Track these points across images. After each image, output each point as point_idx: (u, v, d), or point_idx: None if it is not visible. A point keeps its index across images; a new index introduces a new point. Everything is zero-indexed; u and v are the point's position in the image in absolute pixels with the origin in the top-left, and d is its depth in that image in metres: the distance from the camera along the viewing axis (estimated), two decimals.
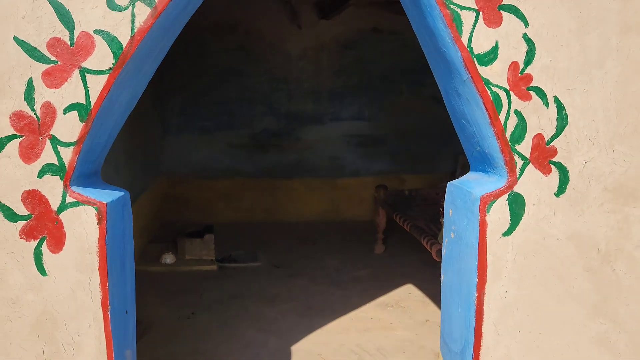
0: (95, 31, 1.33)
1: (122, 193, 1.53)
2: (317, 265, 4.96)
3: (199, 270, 4.69)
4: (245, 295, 4.13)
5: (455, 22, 1.44)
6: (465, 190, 1.61)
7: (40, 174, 1.36)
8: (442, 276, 1.79)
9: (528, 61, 1.47)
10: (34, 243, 1.38)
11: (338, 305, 4.01)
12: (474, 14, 1.44)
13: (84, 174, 1.44)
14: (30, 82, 1.33)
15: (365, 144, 7.26)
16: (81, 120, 1.35)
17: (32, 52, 1.32)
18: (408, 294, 4.27)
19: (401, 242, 5.71)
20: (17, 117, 1.34)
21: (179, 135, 6.24)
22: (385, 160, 7.18)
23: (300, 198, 6.91)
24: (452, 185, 1.72)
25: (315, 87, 6.92)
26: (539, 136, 1.50)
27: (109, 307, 1.43)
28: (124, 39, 1.34)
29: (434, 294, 3.83)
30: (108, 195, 1.45)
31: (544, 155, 1.52)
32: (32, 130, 1.34)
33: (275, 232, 6.22)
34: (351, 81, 7.08)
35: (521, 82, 1.48)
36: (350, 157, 7.22)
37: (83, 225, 1.39)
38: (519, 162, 1.51)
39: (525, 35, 1.46)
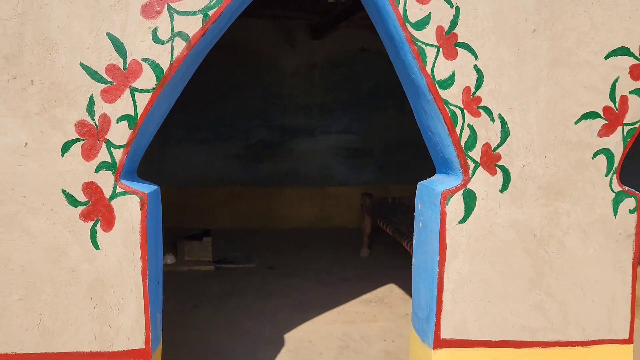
0: (143, 59, 1.70)
1: (156, 187, 1.89)
2: (307, 267, 5.29)
3: (197, 270, 4.99)
4: (242, 292, 4.46)
5: (421, 56, 1.83)
6: (430, 188, 2.00)
7: (97, 170, 1.73)
8: (413, 259, 2.17)
9: (478, 86, 1.87)
10: (90, 224, 1.74)
11: (327, 301, 4.35)
12: (436, 49, 1.83)
13: (129, 170, 1.81)
14: (91, 97, 1.70)
15: (353, 156, 7.53)
16: (130, 128, 1.72)
17: (94, 75, 1.69)
18: (390, 292, 4.63)
19: (385, 247, 6.06)
20: (81, 125, 1.70)
21: (180, 145, 6.52)
22: (371, 171, 7.47)
23: (292, 205, 7.17)
24: (421, 185, 2.11)
25: (307, 102, 7.20)
26: (487, 145, 1.90)
27: (147, 276, 1.79)
28: (165, 65, 1.72)
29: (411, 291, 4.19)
30: (147, 187, 1.82)
31: (490, 160, 1.91)
32: (91, 135, 1.71)
33: (269, 237, 6.52)
34: (341, 97, 7.37)
35: (472, 103, 1.87)
36: (339, 168, 7.49)
37: (129, 210, 1.76)
38: (471, 165, 1.90)
39: (475, 66, 1.86)
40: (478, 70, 1.86)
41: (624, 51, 1.91)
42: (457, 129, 1.87)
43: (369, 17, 2.07)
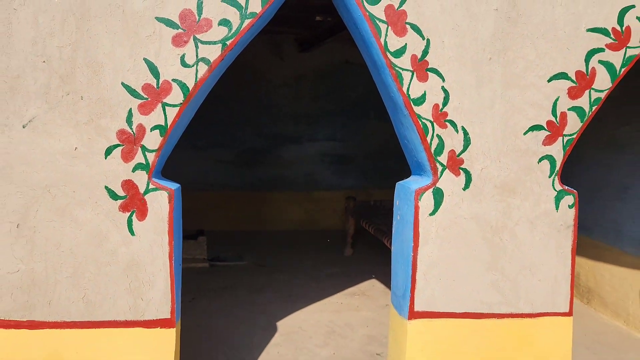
0: (173, 79, 2.07)
1: (178, 185, 2.25)
2: (295, 265, 5.65)
3: (193, 267, 5.30)
4: (236, 287, 4.80)
5: (399, 78, 2.23)
6: (406, 187, 2.39)
7: (134, 169, 2.09)
8: (392, 247, 2.56)
9: (445, 103, 2.27)
10: (127, 214, 2.10)
11: (314, 294, 4.71)
12: (411, 73, 2.23)
13: (158, 170, 2.17)
14: (130, 110, 2.06)
15: (337, 162, 7.87)
16: (161, 136, 2.09)
17: (132, 92, 2.06)
18: (372, 286, 5.02)
19: (367, 247, 6.45)
20: (121, 133, 2.07)
21: (176, 152, 6.78)
22: (355, 176, 7.81)
23: (281, 209, 7.48)
24: (398, 184, 2.50)
25: (295, 111, 7.52)
26: (452, 151, 2.30)
27: (173, 258, 2.15)
28: (190, 85, 2.09)
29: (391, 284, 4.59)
30: (172, 185, 2.18)
31: (455, 164, 2.31)
32: (129, 141, 2.07)
33: (259, 238, 6.85)
34: (326, 107, 7.70)
35: (440, 117, 2.27)
36: (324, 173, 7.82)
37: (159, 203, 2.12)
38: (440, 168, 2.30)
39: (442, 87, 2.26)
40: (445, 91, 2.26)
41: (563, 76, 2.33)
42: (428, 138, 2.27)
43: None
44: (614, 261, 4.41)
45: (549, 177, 2.38)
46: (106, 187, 2.08)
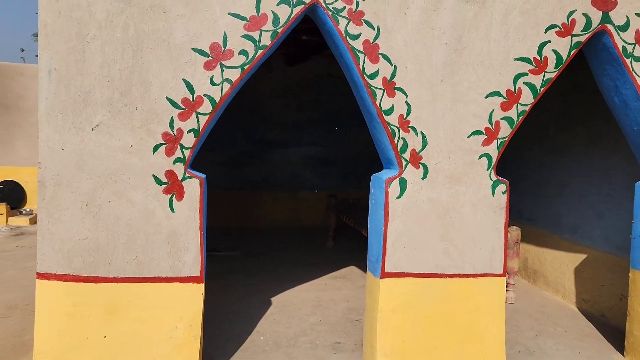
0: (204, 94, 2.73)
1: (205, 175, 2.90)
2: (283, 255, 6.28)
3: None
4: (232, 272, 5.40)
5: (373, 95, 2.92)
6: (379, 177, 3.08)
7: (174, 162, 2.74)
8: (368, 225, 3.24)
9: (407, 114, 2.96)
10: (169, 196, 2.74)
11: (301, 277, 5.35)
12: (382, 91, 2.92)
13: (191, 163, 2.82)
14: (172, 118, 2.71)
15: (320, 165, 8.44)
16: (194, 137, 2.74)
17: (174, 104, 2.71)
18: (351, 271, 5.69)
19: (346, 240, 7.12)
20: (165, 134, 2.71)
21: None
22: (336, 178, 8.40)
23: (268, 207, 8.02)
24: (373, 176, 3.19)
25: (282, 119, 8.07)
26: (414, 150, 2.99)
27: (203, 229, 2.79)
28: (217, 99, 2.75)
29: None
30: (201, 175, 2.83)
31: (416, 160, 3.00)
32: (171, 141, 2.72)
33: (249, 233, 7.43)
34: (310, 115, 8.28)
35: (405, 124, 2.97)
36: (308, 175, 8.39)
37: (192, 188, 2.77)
38: (404, 163, 2.99)
39: (406, 102, 2.96)
40: (408, 104, 2.96)
41: (496, 93, 3.05)
42: (395, 140, 2.97)
43: None
44: (554, 246, 5.15)
45: (487, 170, 3.09)
46: (153, 176, 2.72)
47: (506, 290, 4.70)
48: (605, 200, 4.50)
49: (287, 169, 8.17)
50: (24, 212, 7.55)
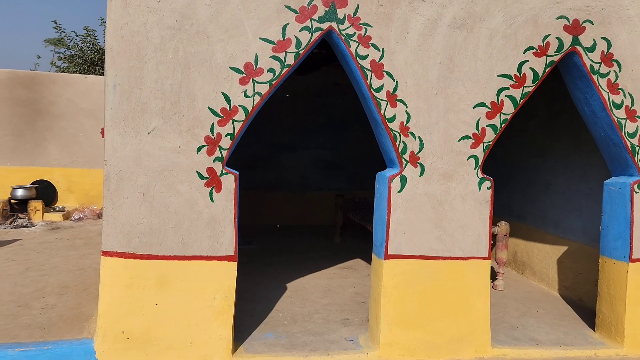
0: (239, 105, 3.28)
1: (238, 172, 3.44)
2: (294, 249, 6.81)
3: None
4: (250, 262, 5.92)
5: (379, 105, 3.47)
6: (383, 175, 3.62)
7: (214, 161, 3.29)
8: (374, 215, 3.78)
9: (407, 121, 3.51)
10: (209, 188, 3.29)
11: (312, 267, 5.89)
12: (386, 102, 3.47)
13: (227, 161, 3.37)
14: (212, 124, 3.26)
15: (327, 167, 8.93)
16: (231, 140, 3.29)
17: (215, 113, 3.26)
18: (357, 263, 6.22)
19: (352, 237, 7.65)
20: (207, 138, 3.26)
21: None
22: (342, 179, 8.90)
23: (279, 206, 8.51)
24: (378, 174, 3.73)
25: (292, 124, 8.57)
26: (412, 152, 3.54)
27: (236, 216, 3.34)
28: (249, 108, 3.30)
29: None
30: (235, 171, 3.38)
31: (414, 160, 3.55)
32: (212, 143, 3.27)
33: (261, 230, 7.95)
34: (318, 120, 8.78)
35: (405, 130, 3.52)
36: (316, 177, 8.88)
37: (229, 182, 3.32)
38: (404, 162, 3.54)
39: (406, 111, 3.50)
40: (407, 113, 3.51)
41: (482, 104, 3.59)
42: (397, 143, 3.51)
43: None
44: (540, 240, 5.69)
45: (474, 169, 3.64)
46: (197, 172, 3.27)
47: (496, 279, 5.27)
48: (583, 198, 5.04)
49: (297, 171, 8.68)
50: (57, 209, 8.12)
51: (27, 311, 3.81)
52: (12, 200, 7.55)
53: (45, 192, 8.06)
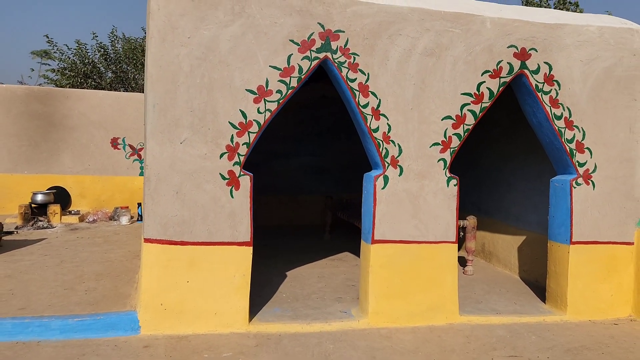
0: (253, 119, 4.00)
1: (252, 173, 4.15)
2: (290, 245, 7.48)
3: None
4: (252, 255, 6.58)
5: (365, 119, 4.21)
6: (370, 175, 4.37)
7: (233, 165, 4.00)
8: (362, 208, 4.51)
9: (389, 131, 4.26)
10: (230, 187, 4.00)
11: (307, 259, 6.57)
12: (371, 116, 4.22)
13: (244, 165, 4.08)
14: (232, 135, 3.97)
15: (316, 172, 9.61)
16: (247, 148, 4.01)
17: (234, 126, 3.98)
18: (346, 255, 6.93)
19: (341, 233, 8.35)
20: (227, 146, 3.97)
21: None
22: (329, 183, 9.58)
23: (273, 209, 9.17)
24: (365, 174, 4.47)
25: (284, 133, 9.21)
26: (393, 156, 4.29)
27: (251, 210, 4.05)
28: (262, 122, 4.02)
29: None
30: (250, 173, 4.09)
31: (394, 162, 4.30)
32: (231, 150, 3.99)
33: (257, 230, 8.56)
34: (308, 130, 9.47)
35: (387, 138, 4.27)
36: (306, 181, 9.55)
37: (245, 182, 4.03)
38: (387, 165, 4.28)
39: (387, 123, 4.25)
40: (389, 125, 4.26)
41: (449, 117, 4.36)
42: (381, 149, 4.26)
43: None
44: (504, 232, 6.48)
45: (443, 169, 4.40)
46: (220, 174, 3.98)
47: (466, 265, 6.04)
48: (538, 195, 5.84)
49: (289, 176, 9.37)
50: (72, 212, 8.72)
51: (74, 293, 4.47)
52: (33, 205, 8.15)
53: (60, 197, 8.65)
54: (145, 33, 17.96)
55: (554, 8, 12.73)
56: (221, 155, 3.98)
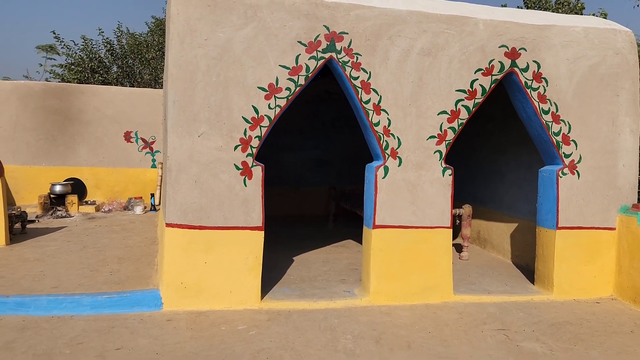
0: (264, 114, 4.33)
1: (263, 164, 4.48)
2: (296, 234, 7.81)
3: None
4: None
5: (368, 114, 4.54)
6: (371, 165, 4.70)
7: (247, 156, 4.33)
8: (364, 196, 4.85)
9: (389, 125, 4.58)
10: (243, 177, 4.33)
11: (312, 246, 6.91)
12: (373, 111, 4.54)
13: (256, 156, 4.41)
14: (245, 129, 4.30)
15: (320, 165, 9.90)
16: (258, 140, 4.33)
17: (247, 121, 4.31)
18: (349, 242, 7.27)
19: (343, 223, 8.67)
20: (241, 139, 4.30)
21: None
22: (333, 175, 9.88)
23: (279, 200, 9.42)
24: (367, 165, 4.79)
25: (289, 127, 9.47)
26: (392, 148, 4.61)
27: (263, 197, 4.39)
28: (272, 117, 4.34)
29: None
30: (261, 164, 4.42)
31: (394, 154, 4.62)
32: (245, 143, 4.32)
33: (265, 220, 8.87)
34: (312, 124, 9.76)
35: (387, 131, 4.59)
36: (310, 173, 9.86)
37: (257, 172, 4.36)
38: (387, 156, 4.61)
39: (388, 118, 4.58)
40: (389, 119, 4.59)
41: (444, 112, 4.68)
42: (381, 142, 4.59)
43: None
44: (498, 220, 6.81)
45: (439, 160, 4.73)
46: (234, 164, 4.32)
47: (462, 251, 6.38)
48: (529, 185, 6.16)
49: (294, 169, 9.69)
50: (88, 202, 9.08)
51: (100, 274, 4.82)
52: (51, 195, 8.50)
53: (77, 189, 9.00)
54: (149, 28, 18.29)
55: (555, 3, 12.98)
56: (235, 148, 4.31)
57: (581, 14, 12.71)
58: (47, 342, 3.48)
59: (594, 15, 12.24)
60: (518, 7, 13.66)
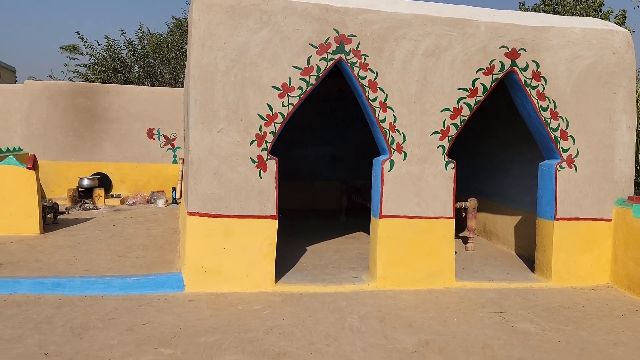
0: (278, 112, 4.61)
1: (277, 158, 4.77)
2: (308, 226, 8.08)
3: None
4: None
5: (374, 111, 4.79)
6: (378, 159, 4.95)
7: (262, 150, 4.61)
8: (372, 188, 5.11)
9: (394, 121, 4.84)
10: (259, 169, 4.62)
11: (324, 237, 7.18)
12: (379, 108, 4.80)
13: (271, 151, 4.70)
14: (260, 125, 4.59)
15: (332, 160, 10.14)
16: (273, 136, 4.62)
17: (262, 117, 4.59)
18: (359, 234, 7.52)
19: (355, 216, 8.91)
20: (257, 135, 4.60)
21: None
22: (345, 171, 10.11)
23: (293, 194, 9.69)
24: (375, 159, 5.05)
25: (302, 124, 9.70)
26: (398, 143, 4.86)
27: (276, 189, 4.67)
28: (285, 114, 4.63)
29: None
30: (275, 157, 4.71)
31: (399, 149, 4.88)
32: (260, 138, 4.61)
33: (280, 213, 9.16)
34: (325, 121, 9.99)
35: (393, 127, 4.84)
36: (323, 169, 10.09)
37: (272, 165, 4.65)
38: (393, 151, 4.86)
39: (394, 115, 4.83)
40: (394, 116, 4.84)
41: (447, 109, 4.92)
42: (387, 137, 4.84)
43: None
44: (503, 213, 7.02)
45: (442, 154, 4.96)
46: (250, 158, 4.61)
47: (467, 242, 6.60)
48: (532, 179, 6.36)
49: (307, 164, 9.96)
50: (114, 195, 9.49)
51: (127, 259, 5.17)
52: (80, 189, 8.92)
53: (103, 183, 9.41)
54: (169, 28, 18.69)
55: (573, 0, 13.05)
56: (251, 142, 4.61)
57: (600, 10, 12.76)
58: (82, 317, 3.82)
59: (614, 15, 12.35)
60: (535, 5, 13.75)
